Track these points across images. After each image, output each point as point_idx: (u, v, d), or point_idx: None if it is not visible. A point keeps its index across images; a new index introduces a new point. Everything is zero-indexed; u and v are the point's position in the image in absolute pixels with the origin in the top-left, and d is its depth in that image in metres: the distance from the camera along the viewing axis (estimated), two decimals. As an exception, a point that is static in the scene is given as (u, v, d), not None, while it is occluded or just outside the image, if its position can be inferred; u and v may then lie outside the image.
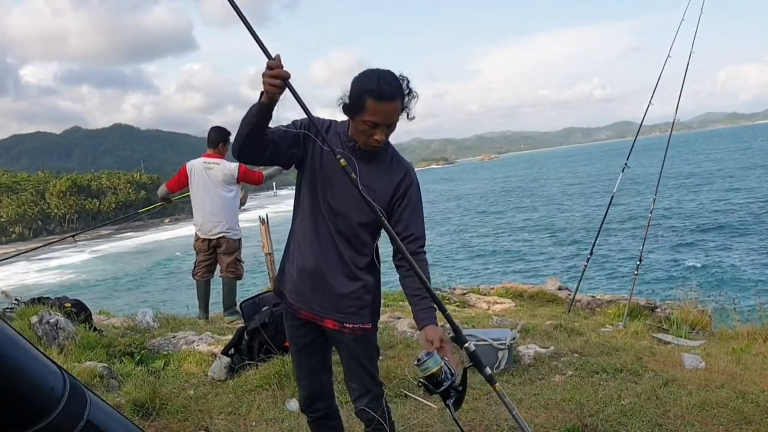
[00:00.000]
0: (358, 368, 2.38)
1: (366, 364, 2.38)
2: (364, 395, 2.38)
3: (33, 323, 4.54)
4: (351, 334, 2.31)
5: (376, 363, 2.44)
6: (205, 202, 5.95)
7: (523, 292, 9.25)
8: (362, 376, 2.38)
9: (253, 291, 8.18)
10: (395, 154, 2.32)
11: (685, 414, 3.49)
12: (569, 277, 16.10)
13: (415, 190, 2.30)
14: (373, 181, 2.21)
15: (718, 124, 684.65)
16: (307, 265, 2.30)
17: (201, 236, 6.06)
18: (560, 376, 4.34)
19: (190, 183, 5.98)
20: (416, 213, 2.28)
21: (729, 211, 31.39)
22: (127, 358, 4.52)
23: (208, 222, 5.99)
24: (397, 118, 2.17)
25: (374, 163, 2.24)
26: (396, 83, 2.14)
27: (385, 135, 2.18)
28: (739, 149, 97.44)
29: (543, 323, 6.06)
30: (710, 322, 7.11)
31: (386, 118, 2.13)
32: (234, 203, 6.04)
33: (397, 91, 2.13)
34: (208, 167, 5.92)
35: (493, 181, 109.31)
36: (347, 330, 2.30)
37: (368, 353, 2.39)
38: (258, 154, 2.14)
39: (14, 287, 29.28)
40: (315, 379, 2.47)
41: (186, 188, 6.09)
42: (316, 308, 2.32)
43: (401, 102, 2.15)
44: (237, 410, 3.71)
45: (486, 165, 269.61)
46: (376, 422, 2.38)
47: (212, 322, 6.21)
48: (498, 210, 51.55)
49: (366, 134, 2.16)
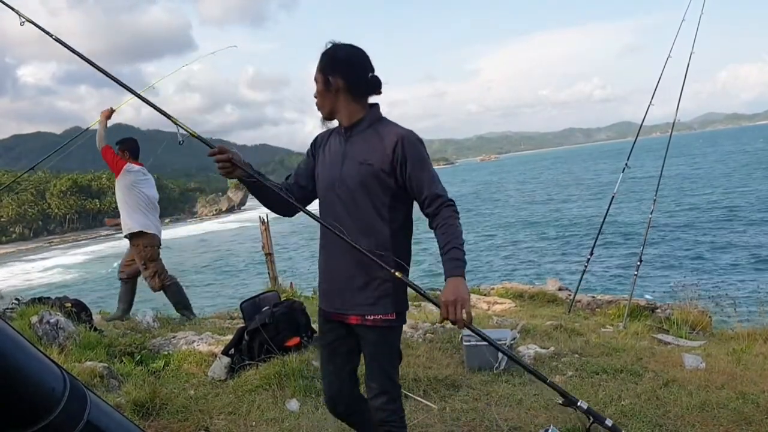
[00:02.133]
0: (377, 368, 2.34)
1: (385, 365, 2.33)
2: (380, 395, 2.33)
3: (33, 323, 4.54)
4: (373, 326, 2.26)
5: (396, 364, 2.38)
6: (156, 206, 6.10)
7: (523, 293, 9.25)
8: (381, 377, 2.33)
9: (254, 291, 8.18)
10: (379, 123, 2.29)
11: (685, 414, 3.49)
12: (569, 277, 16.11)
13: (413, 151, 2.21)
14: (369, 154, 2.22)
15: (719, 124, 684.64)
16: (328, 265, 2.36)
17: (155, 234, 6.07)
18: (560, 376, 4.35)
19: (139, 183, 5.97)
20: (421, 173, 2.20)
21: (730, 211, 31.37)
22: (128, 358, 4.52)
23: (157, 223, 6.12)
24: (316, 77, 2.30)
25: (361, 137, 2.28)
26: (329, 46, 2.30)
27: (315, 93, 2.32)
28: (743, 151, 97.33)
29: (543, 324, 6.06)
30: (710, 323, 7.11)
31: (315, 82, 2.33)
32: None
33: (324, 51, 2.29)
34: (144, 174, 6.09)
35: (495, 180, 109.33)
36: (369, 323, 2.26)
37: (389, 353, 2.34)
38: (295, 210, 2.36)
39: (17, 287, 29.31)
40: (335, 381, 2.45)
41: (113, 174, 6.08)
42: (339, 306, 2.32)
43: (321, 61, 2.29)
44: (237, 410, 3.71)
45: (486, 165, 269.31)
46: (390, 423, 2.34)
47: (213, 322, 6.21)
48: (499, 209, 51.53)
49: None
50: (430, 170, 2.23)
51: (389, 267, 2.12)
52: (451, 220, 2.16)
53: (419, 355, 4.62)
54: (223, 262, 39.14)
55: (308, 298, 8.07)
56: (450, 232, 2.13)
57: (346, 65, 2.26)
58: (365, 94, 2.30)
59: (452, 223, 2.15)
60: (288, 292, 8.06)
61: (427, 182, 2.19)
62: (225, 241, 50.30)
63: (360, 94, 2.29)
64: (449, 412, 3.64)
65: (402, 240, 2.31)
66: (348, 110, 2.28)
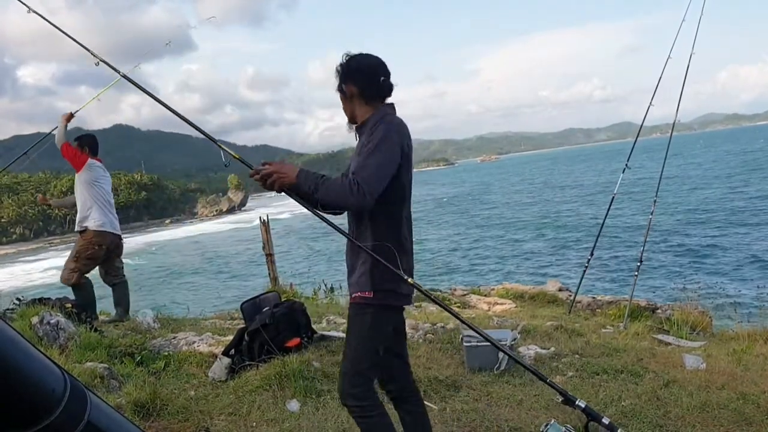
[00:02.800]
0: (347, 345, 2.50)
1: (353, 342, 2.46)
2: (343, 374, 2.48)
3: (34, 324, 4.54)
4: (353, 303, 2.46)
5: (364, 347, 2.43)
6: (112, 202, 6.03)
7: (523, 293, 9.26)
8: (346, 355, 2.49)
9: (256, 291, 8.18)
10: (382, 120, 2.44)
11: (685, 415, 3.49)
12: (570, 278, 16.10)
13: (375, 135, 2.36)
14: (358, 148, 2.46)
15: (719, 125, 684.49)
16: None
17: (113, 232, 5.98)
18: (561, 377, 4.35)
19: (97, 178, 5.90)
20: (364, 150, 2.35)
21: (731, 211, 31.37)
22: (128, 358, 4.52)
23: (114, 221, 6.02)
24: (342, 92, 2.52)
25: (364, 134, 2.47)
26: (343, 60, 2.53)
27: (344, 110, 2.56)
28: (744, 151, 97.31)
29: (543, 324, 6.06)
30: (711, 323, 7.11)
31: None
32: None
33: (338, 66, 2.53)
34: (104, 170, 6.03)
35: (495, 180, 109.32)
36: (352, 300, 2.47)
37: (358, 331, 2.44)
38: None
39: (18, 287, 29.31)
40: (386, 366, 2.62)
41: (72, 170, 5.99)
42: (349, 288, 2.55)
43: (336, 74, 2.53)
44: (237, 411, 3.71)
45: (487, 166, 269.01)
46: (349, 408, 2.47)
47: (213, 323, 6.21)
48: (500, 209, 51.55)
49: None
50: (376, 151, 2.33)
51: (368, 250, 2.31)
52: (337, 180, 2.30)
53: (420, 356, 4.62)
54: (222, 262, 39.18)
55: (308, 298, 8.08)
56: (328, 178, 2.32)
57: (356, 73, 2.50)
58: (377, 98, 2.51)
59: (335, 180, 2.31)
60: (288, 292, 8.06)
61: (363, 160, 2.32)
62: (224, 242, 50.32)
63: (371, 98, 2.50)
64: (450, 413, 3.64)
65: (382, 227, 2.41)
66: (361, 112, 2.52)
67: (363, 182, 2.23)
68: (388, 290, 2.40)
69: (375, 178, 2.27)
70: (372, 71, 2.51)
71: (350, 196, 2.22)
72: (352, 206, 2.31)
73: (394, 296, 2.42)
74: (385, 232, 2.41)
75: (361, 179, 2.23)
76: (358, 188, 2.22)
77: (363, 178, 2.24)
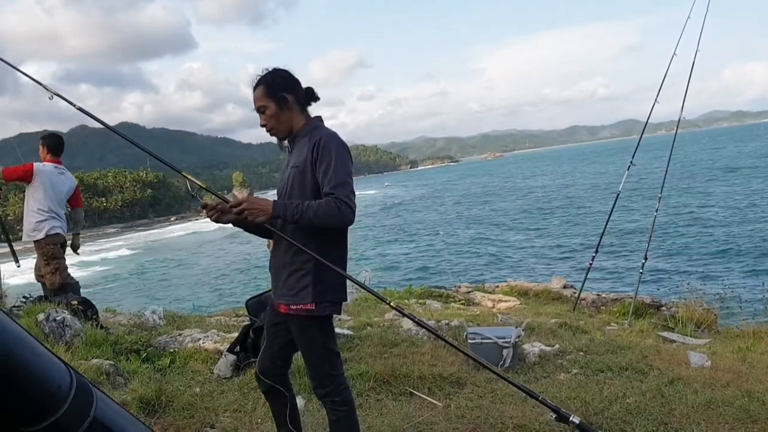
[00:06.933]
0: (306, 360, 2.54)
1: (310, 357, 2.49)
2: (316, 387, 2.53)
3: (40, 321, 4.56)
4: (296, 316, 2.44)
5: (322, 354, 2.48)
6: (62, 204, 6.02)
7: (528, 291, 9.25)
8: (311, 369, 2.53)
9: (260, 289, 8.20)
10: (314, 131, 2.48)
11: (690, 412, 3.48)
12: (574, 275, 16.08)
13: (327, 149, 2.37)
14: (298, 159, 2.46)
15: (724, 122, 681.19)
16: (273, 257, 2.61)
17: (64, 235, 5.99)
18: (565, 374, 4.34)
19: (36, 183, 5.87)
20: (329, 167, 2.34)
21: (735, 209, 31.23)
22: (134, 355, 4.54)
23: (63, 224, 6.00)
24: (264, 103, 2.47)
25: (298, 145, 2.50)
26: (264, 74, 2.49)
27: (265, 120, 2.50)
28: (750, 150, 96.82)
29: (548, 321, 6.06)
30: (716, 321, 7.09)
31: (255, 104, 2.50)
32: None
33: (260, 79, 2.48)
34: (60, 172, 6.00)
35: (500, 180, 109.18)
36: (293, 312, 2.44)
37: (311, 345, 2.47)
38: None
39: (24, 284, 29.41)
40: (266, 359, 2.69)
41: (18, 183, 6.04)
42: (276, 295, 2.53)
43: (264, 87, 2.46)
44: (242, 408, 3.73)
45: (492, 164, 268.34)
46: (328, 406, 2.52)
47: (218, 320, 6.22)
48: (502, 208, 51.45)
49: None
50: (338, 162, 2.35)
51: (315, 255, 2.27)
52: (322, 203, 2.29)
53: (424, 353, 4.62)
54: (227, 259, 39.27)
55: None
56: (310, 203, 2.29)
57: (291, 81, 2.52)
58: (307, 105, 2.56)
59: (320, 203, 2.29)
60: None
61: (332, 174, 2.33)
62: (229, 239, 50.39)
63: (305, 106, 2.55)
64: (454, 410, 3.64)
65: (333, 237, 2.43)
66: (297, 121, 2.52)
67: (347, 199, 2.29)
68: (329, 301, 2.45)
69: (351, 191, 2.34)
70: (298, 80, 2.55)
71: (339, 215, 2.27)
72: (343, 224, 2.34)
73: (332, 306, 2.48)
74: (336, 241, 2.45)
75: (345, 197, 2.29)
76: (346, 206, 2.28)
77: (346, 195, 2.30)
